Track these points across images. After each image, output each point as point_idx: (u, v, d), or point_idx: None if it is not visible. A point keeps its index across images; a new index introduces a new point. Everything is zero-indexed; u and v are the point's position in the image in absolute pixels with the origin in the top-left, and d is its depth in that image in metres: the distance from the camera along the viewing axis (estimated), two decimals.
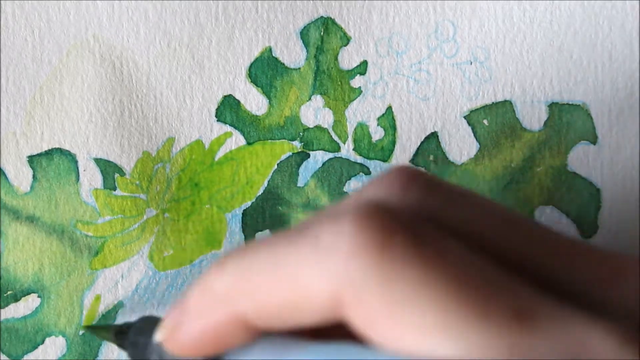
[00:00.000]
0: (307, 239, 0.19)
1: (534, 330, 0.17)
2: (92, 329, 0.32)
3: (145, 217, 0.33)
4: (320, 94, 0.34)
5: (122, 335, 0.27)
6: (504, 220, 0.20)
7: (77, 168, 0.33)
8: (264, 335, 0.21)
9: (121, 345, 0.28)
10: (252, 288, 0.20)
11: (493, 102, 0.35)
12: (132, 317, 0.33)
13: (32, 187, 0.33)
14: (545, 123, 0.35)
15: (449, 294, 0.18)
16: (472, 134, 0.35)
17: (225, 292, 0.20)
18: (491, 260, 0.19)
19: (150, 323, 0.26)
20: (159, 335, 0.23)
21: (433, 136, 0.35)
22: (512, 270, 0.19)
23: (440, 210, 0.20)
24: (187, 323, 0.21)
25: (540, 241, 0.20)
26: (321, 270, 0.19)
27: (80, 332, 0.33)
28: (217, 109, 0.34)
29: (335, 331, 0.20)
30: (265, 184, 0.34)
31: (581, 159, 0.35)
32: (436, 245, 0.18)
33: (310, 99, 0.34)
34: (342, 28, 0.34)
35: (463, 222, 0.20)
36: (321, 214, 0.21)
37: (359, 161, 0.35)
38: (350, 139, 0.35)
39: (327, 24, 0.34)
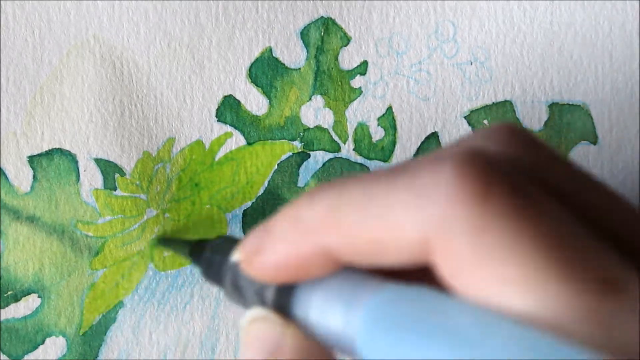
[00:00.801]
0: (405, 179, 0.19)
1: (616, 299, 0.17)
2: (167, 241, 0.31)
3: (145, 217, 0.33)
4: (321, 94, 0.34)
5: (198, 251, 0.27)
6: (602, 191, 0.20)
7: (78, 168, 0.33)
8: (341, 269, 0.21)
9: (195, 261, 0.27)
10: (342, 222, 0.20)
11: (493, 102, 0.35)
12: (132, 318, 0.33)
13: (32, 187, 0.33)
14: (545, 123, 0.35)
15: (540, 250, 0.17)
16: None
17: (314, 223, 0.20)
18: (585, 224, 0.19)
19: (228, 242, 0.25)
20: (237, 256, 0.23)
21: (433, 136, 0.35)
22: (604, 239, 0.19)
23: (540, 168, 0.20)
24: (269, 248, 0.21)
25: (634, 218, 0.20)
26: (416, 212, 0.18)
27: (154, 244, 0.33)
28: (217, 109, 0.34)
29: (408, 277, 0.20)
30: (266, 184, 0.34)
31: (581, 159, 0.35)
32: (534, 201, 0.18)
33: (310, 99, 0.34)
34: (342, 28, 0.34)
35: (561, 183, 0.20)
36: (420, 158, 0.20)
37: (359, 161, 0.35)
38: (350, 139, 0.35)
39: (327, 24, 0.34)
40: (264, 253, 0.21)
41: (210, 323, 0.34)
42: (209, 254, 0.25)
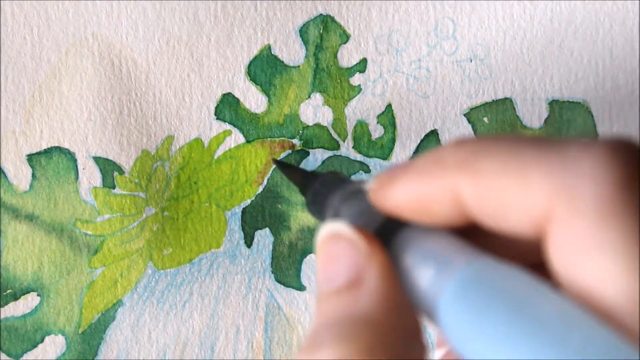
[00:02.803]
0: (553, 149, 0.19)
1: None
2: (281, 164, 0.31)
3: (144, 216, 0.33)
4: (320, 91, 0.34)
5: (308, 180, 0.27)
6: None
7: (77, 166, 0.33)
8: (442, 232, 0.21)
9: (303, 189, 0.27)
10: (480, 170, 0.20)
11: (493, 100, 0.35)
12: (131, 316, 0.33)
13: (31, 186, 0.33)
14: (545, 120, 0.35)
15: None
16: (472, 132, 0.35)
17: (454, 163, 0.20)
18: None
19: (337, 178, 0.25)
20: (370, 184, 0.23)
21: (433, 134, 0.35)
22: None
23: None
24: (405, 178, 0.21)
25: None
26: (552, 180, 0.18)
27: (273, 168, 0.33)
28: (216, 107, 0.34)
29: None
30: (265, 182, 0.34)
31: None
32: None
33: (309, 96, 0.34)
34: (341, 26, 0.34)
35: None
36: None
37: (358, 159, 0.35)
38: (349, 136, 0.34)
39: (326, 22, 0.34)
40: (398, 182, 0.22)
41: (210, 321, 0.34)
42: (318, 185, 0.25)
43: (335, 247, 0.22)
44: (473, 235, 0.21)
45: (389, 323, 0.20)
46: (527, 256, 0.21)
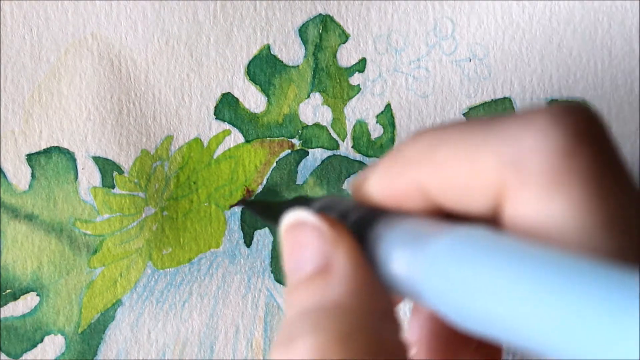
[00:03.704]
0: (498, 126, 0.20)
1: None
2: (246, 204, 0.31)
3: (143, 215, 0.33)
4: (319, 91, 0.34)
5: (278, 211, 0.27)
6: None
7: (76, 166, 0.33)
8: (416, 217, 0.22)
9: (274, 224, 0.27)
10: (437, 160, 0.21)
11: (492, 99, 0.35)
12: (131, 316, 0.33)
13: (30, 186, 0.33)
14: None
15: (625, 206, 0.18)
16: None
17: (413, 157, 0.21)
18: None
19: (304, 200, 0.25)
20: (347, 185, 0.24)
21: None
22: None
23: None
24: (373, 176, 0.22)
25: None
26: (498, 153, 0.19)
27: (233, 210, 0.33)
28: (215, 107, 0.34)
29: None
30: (264, 182, 0.34)
31: None
32: (619, 163, 0.19)
33: (309, 96, 0.34)
34: (340, 25, 0.34)
35: None
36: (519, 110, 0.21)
37: (358, 159, 0.35)
38: (349, 136, 0.34)
39: (325, 22, 0.34)
40: (369, 180, 0.23)
41: (209, 321, 0.34)
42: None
43: (300, 235, 0.22)
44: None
45: (361, 307, 0.20)
46: None
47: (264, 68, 0.34)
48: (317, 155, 0.34)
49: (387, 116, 0.35)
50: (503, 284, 0.17)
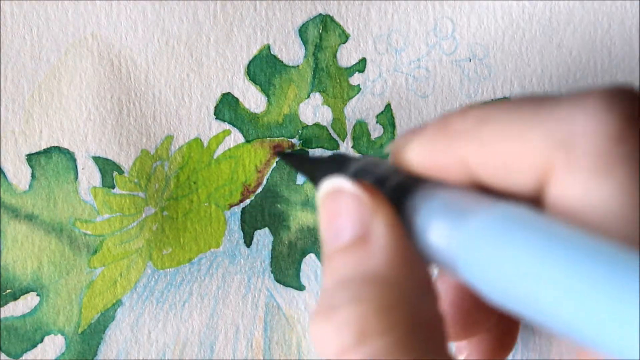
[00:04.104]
0: (547, 107, 0.20)
1: None
2: (284, 155, 0.31)
3: (143, 215, 0.33)
4: (319, 91, 0.34)
5: (315, 167, 0.26)
6: None
7: (76, 166, 0.33)
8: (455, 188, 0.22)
9: (312, 178, 0.27)
10: (484, 136, 0.21)
11: (492, 99, 0.35)
12: (131, 316, 0.33)
13: (30, 186, 0.33)
14: None
15: None
16: None
17: (461, 132, 0.21)
18: None
19: (343, 158, 0.25)
20: (389, 147, 0.24)
21: None
22: None
23: None
24: (416, 142, 0.22)
25: None
26: (547, 134, 0.19)
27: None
28: (215, 107, 0.34)
29: None
30: (264, 182, 0.34)
31: None
32: None
33: (309, 96, 0.34)
34: (340, 25, 0.34)
35: None
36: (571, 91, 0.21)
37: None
38: (349, 136, 0.34)
39: (325, 22, 0.34)
40: (411, 145, 0.22)
41: (209, 321, 0.34)
42: (322, 172, 0.25)
43: (338, 203, 0.22)
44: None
45: (401, 279, 0.20)
46: None
47: (264, 68, 0.34)
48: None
49: (387, 116, 0.35)
50: (539, 266, 0.17)
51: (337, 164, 0.25)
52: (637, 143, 0.19)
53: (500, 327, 0.28)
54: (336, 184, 0.22)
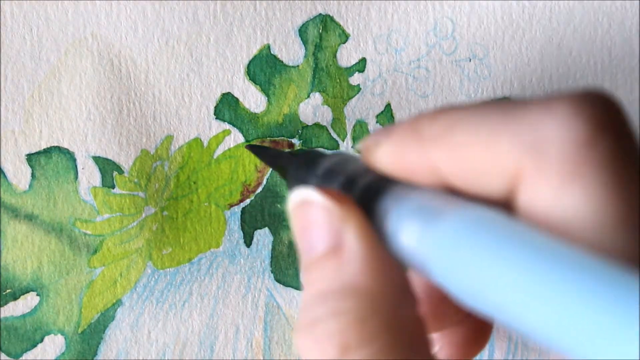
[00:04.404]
0: (518, 110, 0.20)
1: None
2: (254, 148, 0.31)
3: (143, 215, 0.33)
4: (319, 91, 0.34)
5: (285, 162, 0.26)
6: None
7: (76, 166, 0.33)
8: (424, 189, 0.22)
9: (282, 172, 0.27)
10: (454, 141, 0.20)
11: (492, 99, 0.35)
12: (131, 316, 0.33)
13: (30, 186, 0.33)
14: None
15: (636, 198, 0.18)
16: None
17: (430, 136, 0.21)
18: None
19: (314, 155, 0.25)
20: (359, 145, 0.23)
21: None
22: None
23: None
24: (386, 145, 0.22)
25: None
26: (516, 138, 0.19)
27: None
28: (215, 107, 0.34)
29: None
30: (264, 182, 0.34)
31: None
32: (635, 151, 0.19)
33: (309, 96, 0.34)
34: (340, 25, 0.34)
35: None
36: (540, 95, 0.21)
37: None
38: (349, 136, 0.34)
39: (325, 22, 0.34)
40: (381, 146, 0.22)
41: (209, 321, 0.34)
42: (294, 170, 0.25)
43: (309, 214, 0.22)
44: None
45: (377, 286, 0.20)
46: None
47: (264, 68, 0.34)
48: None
49: (387, 116, 0.35)
50: (507, 270, 0.17)
51: (307, 160, 0.25)
52: (607, 148, 0.19)
53: (472, 320, 0.28)
54: (304, 196, 0.22)
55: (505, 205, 0.20)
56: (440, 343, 0.28)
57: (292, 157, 0.26)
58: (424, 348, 0.20)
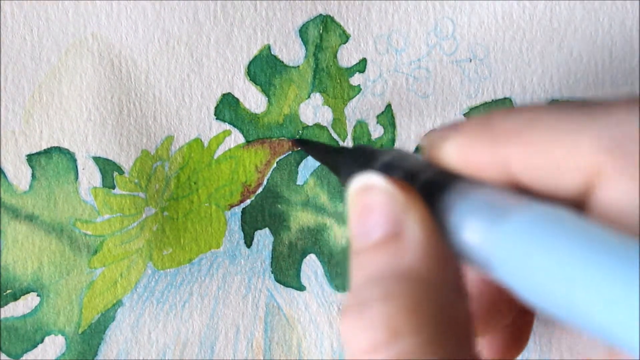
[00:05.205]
0: (600, 110, 0.19)
1: None
2: (303, 143, 0.31)
3: (144, 216, 0.33)
4: (320, 91, 0.34)
5: (337, 158, 0.26)
6: None
7: (76, 167, 0.33)
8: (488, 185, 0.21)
9: (334, 168, 0.26)
10: (528, 139, 0.20)
11: (493, 100, 0.35)
12: (131, 316, 0.33)
13: (31, 186, 0.33)
14: None
15: None
16: None
17: (504, 132, 0.21)
18: None
19: (368, 151, 0.24)
20: (423, 139, 0.23)
21: None
22: None
23: None
24: (455, 139, 0.22)
25: None
26: (596, 136, 0.19)
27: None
28: (216, 107, 0.34)
29: None
30: (265, 182, 0.34)
31: None
32: None
33: (309, 96, 0.34)
34: (341, 26, 0.34)
35: None
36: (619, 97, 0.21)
37: None
38: (349, 136, 0.34)
39: (326, 22, 0.34)
40: (449, 142, 0.22)
41: (209, 321, 0.34)
42: (346, 164, 0.25)
43: (370, 199, 0.21)
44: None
45: (433, 277, 0.20)
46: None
47: (265, 68, 0.34)
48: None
49: (387, 116, 0.35)
50: (576, 269, 0.17)
51: (363, 157, 0.24)
52: None
53: (516, 325, 0.28)
54: (368, 181, 0.22)
55: (576, 204, 0.20)
56: (481, 347, 0.28)
57: (345, 152, 0.25)
58: (470, 344, 0.20)
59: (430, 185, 0.21)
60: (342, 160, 0.25)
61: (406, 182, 0.22)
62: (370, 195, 0.21)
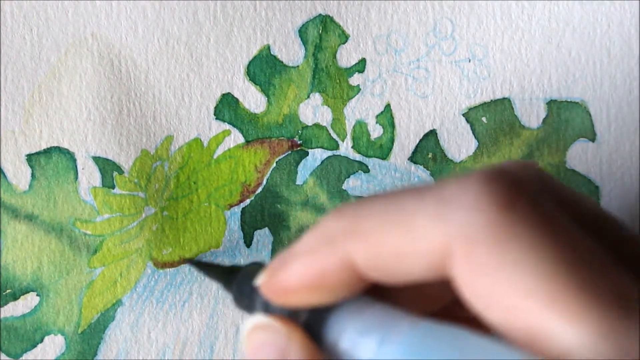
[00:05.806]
0: (430, 192, 0.20)
1: (631, 314, 0.18)
2: (198, 264, 0.31)
3: (143, 216, 0.33)
4: (319, 91, 0.34)
5: (229, 277, 0.27)
6: (600, 215, 0.21)
7: (76, 166, 0.33)
8: (368, 302, 0.21)
9: (227, 287, 0.27)
10: (365, 230, 0.20)
11: (492, 100, 0.35)
12: (131, 316, 0.33)
13: (30, 186, 0.33)
14: (543, 120, 0.35)
15: (560, 265, 0.18)
16: (470, 132, 0.35)
17: (337, 233, 0.21)
18: (598, 244, 0.19)
19: (259, 269, 0.25)
20: (258, 279, 0.23)
21: (432, 134, 0.35)
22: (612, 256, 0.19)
23: (554, 189, 0.21)
24: (290, 264, 0.22)
25: (628, 239, 0.21)
26: (439, 220, 0.19)
27: (186, 266, 0.33)
28: (215, 107, 0.34)
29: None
30: (264, 182, 0.34)
31: (580, 156, 0.35)
32: (555, 217, 0.19)
33: (308, 96, 0.34)
34: (340, 26, 0.34)
35: (572, 204, 0.21)
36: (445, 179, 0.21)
37: (357, 159, 0.35)
38: (349, 136, 0.35)
39: (325, 22, 0.34)
40: (284, 270, 0.22)
41: (209, 321, 0.34)
42: (239, 282, 0.25)
43: (259, 336, 0.23)
44: (377, 294, 0.22)
45: None
46: (435, 298, 0.23)
47: (264, 68, 0.34)
48: (317, 155, 0.34)
49: (386, 116, 0.35)
50: None
51: (251, 275, 0.25)
52: (523, 225, 0.18)
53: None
54: (255, 321, 0.23)
55: (440, 286, 0.20)
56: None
57: (235, 271, 0.26)
58: None
59: (313, 315, 0.23)
60: (233, 279, 0.26)
61: (287, 317, 0.23)
62: (259, 332, 0.23)
